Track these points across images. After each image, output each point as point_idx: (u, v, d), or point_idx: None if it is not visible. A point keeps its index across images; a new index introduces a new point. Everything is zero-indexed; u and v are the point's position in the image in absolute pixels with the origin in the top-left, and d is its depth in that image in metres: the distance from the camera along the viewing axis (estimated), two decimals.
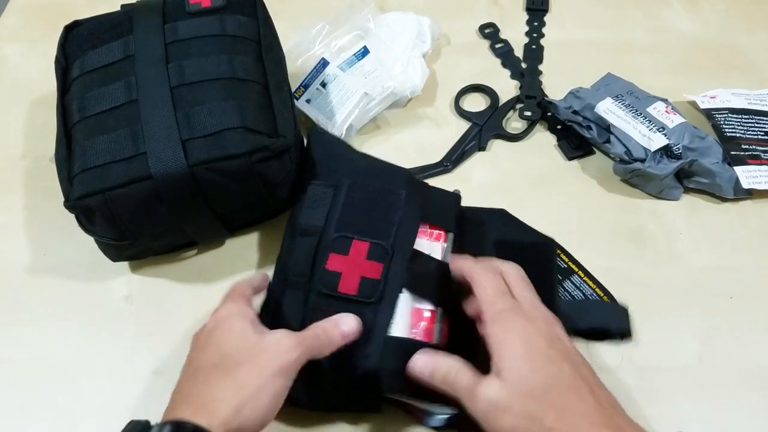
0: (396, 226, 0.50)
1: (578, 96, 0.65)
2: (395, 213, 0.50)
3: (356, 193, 0.51)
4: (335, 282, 0.48)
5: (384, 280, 0.47)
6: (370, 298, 0.47)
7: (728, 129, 0.63)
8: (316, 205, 0.51)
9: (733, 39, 0.74)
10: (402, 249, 0.49)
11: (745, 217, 0.60)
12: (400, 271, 0.48)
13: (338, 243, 0.49)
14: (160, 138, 0.51)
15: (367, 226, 0.50)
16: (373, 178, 0.53)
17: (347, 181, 0.52)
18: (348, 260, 0.48)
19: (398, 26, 0.71)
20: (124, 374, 0.53)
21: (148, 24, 0.58)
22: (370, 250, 0.48)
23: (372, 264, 0.48)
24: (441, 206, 0.54)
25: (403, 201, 0.51)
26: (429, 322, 0.47)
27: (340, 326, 0.45)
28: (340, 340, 0.45)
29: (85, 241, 0.55)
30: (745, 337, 0.53)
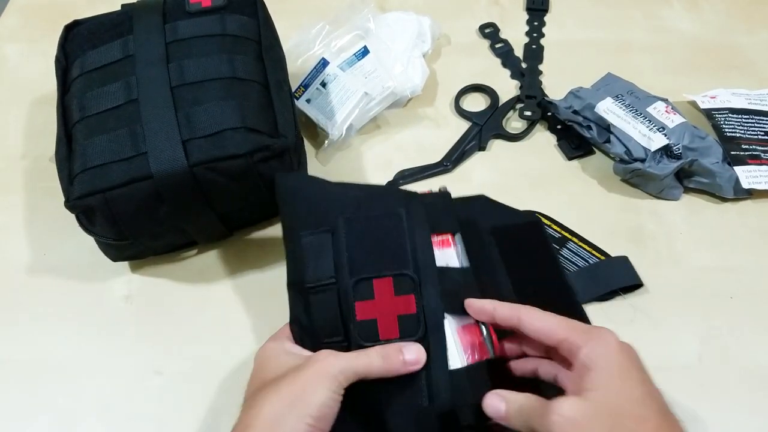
0: (410, 248, 0.46)
1: (578, 96, 0.65)
2: (403, 235, 0.47)
3: (355, 228, 0.47)
4: (374, 331, 0.43)
5: (422, 312, 0.44)
6: (415, 335, 0.43)
7: (728, 129, 0.63)
8: (319, 256, 0.46)
9: (733, 39, 0.74)
10: (426, 271, 0.45)
11: (745, 217, 0.60)
12: (434, 296, 0.44)
13: (360, 289, 0.44)
14: (160, 138, 0.51)
15: (382, 260, 0.46)
16: (364, 208, 0.49)
17: (341, 220, 0.47)
18: (377, 303, 0.44)
19: (398, 26, 0.71)
20: (124, 374, 0.53)
21: (148, 24, 0.58)
22: (396, 284, 0.44)
23: (403, 299, 0.44)
24: (438, 210, 0.50)
25: (404, 219, 0.48)
26: (477, 336, 0.45)
27: (404, 353, 0.42)
28: (401, 366, 0.41)
29: (85, 241, 0.55)
30: (745, 337, 0.53)
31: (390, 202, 0.49)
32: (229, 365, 0.53)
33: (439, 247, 0.48)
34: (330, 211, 0.48)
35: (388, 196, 0.50)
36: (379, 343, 0.43)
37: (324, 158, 0.66)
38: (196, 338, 0.55)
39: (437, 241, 0.48)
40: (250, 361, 0.45)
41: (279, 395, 0.39)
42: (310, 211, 0.48)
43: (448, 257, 0.48)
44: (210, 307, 0.57)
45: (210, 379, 0.52)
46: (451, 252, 0.48)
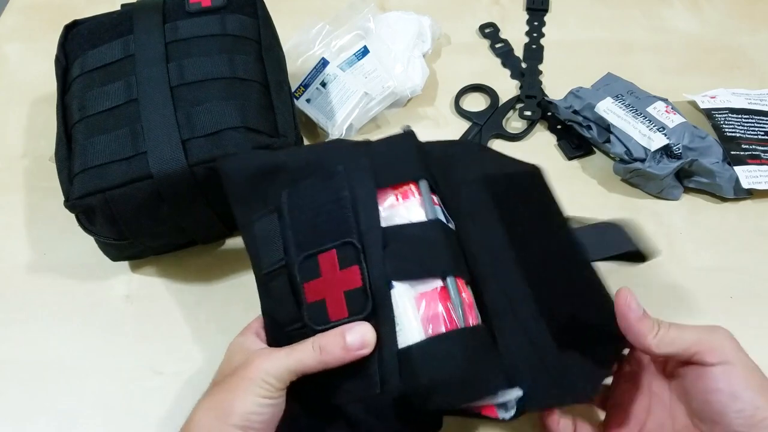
0: (351, 211, 0.40)
1: (578, 96, 0.65)
2: (343, 198, 0.41)
3: (296, 200, 0.42)
4: (324, 312, 0.39)
5: (368, 283, 0.38)
6: (363, 311, 0.38)
7: (728, 129, 0.63)
8: (269, 241, 0.42)
9: (733, 39, 0.74)
10: (369, 235, 0.39)
11: (745, 217, 0.60)
12: (377, 263, 0.39)
13: (305, 268, 0.40)
14: (160, 137, 0.51)
15: (325, 230, 0.40)
16: (307, 174, 0.43)
17: (285, 195, 0.42)
18: (324, 281, 0.39)
19: (398, 26, 0.71)
20: (124, 374, 0.53)
21: (148, 23, 0.58)
22: (339, 256, 0.39)
23: (348, 272, 0.39)
24: (396, 157, 0.43)
25: (344, 176, 0.41)
26: (442, 300, 0.38)
27: (345, 336, 0.38)
28: (342, 352, 0.37)
29: (86, 241, 0.55)
30: (745, 337, 0.53)
31: (329, 158, 0.43)
32: None
33: (397, 200, 0.42)
34: (274, 187, 0.43)
35: (330, 154, 0.44)
36: (330, 325, 0.39)
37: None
38: (196, 338, 0.55)
39: (395, 194, 0.42)
40: None
41: (210, 405, 0.39)
42: (254, 191, 0.44)
43: (410, 211, 0.41)
44: (210, 307, 0.57)
45: (210, 379, 0.52)
46: (414, 203, 0.41)
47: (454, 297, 0.38)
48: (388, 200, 0.42)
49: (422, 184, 0.42)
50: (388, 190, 0.42)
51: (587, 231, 0.46)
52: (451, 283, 0.39)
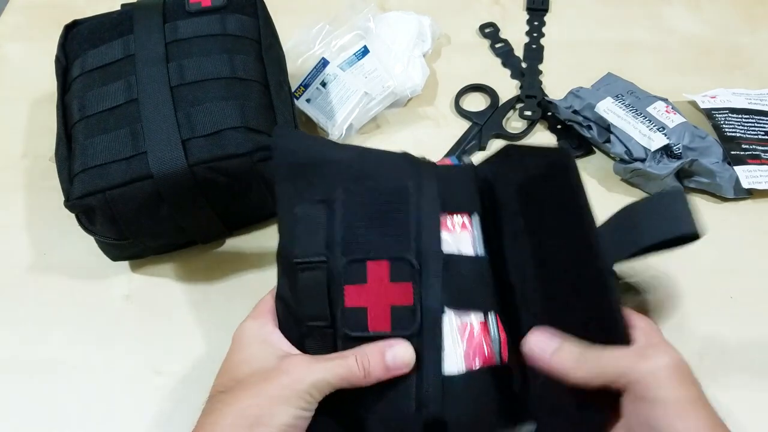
0: (413, 228, 0.40)
1: (578, 95, 0.65)
2: (407, 213, 0.40)
3: (354, 201, 0.41)
4: (363, 320, 0.38)
5: (419, 304, 0.38)
6: (409, 329, 0.38)
7: (728, 129, 0.63)
8: (311, 231, 0.41)
9: (734, 39, 0.74)
10: (430, 258, 0.39)
11: (746, 217, 0.60)
12: (434, 287, 0.39)
13: (351, 271, 0.39)
14: (160, 137, 0.51)
15: (380, 240, 0.40)
16: (368, 176, 0.42)
17: (341, 191, 0.41)
18: (369, 289, 0.39)
19: (398, 26, 0.71)
20: (124, 374, 0.53)
21: (148, 23, 0.58)
22: (392, 269, 0.39)
23: (399, 286, 0.38)
24: (456, 185, 0.43)
25: (412, 194, 0.41)
26: (484, 335, 0.39)
27: (385, 354, 0.37)
28: (383, 372, 0.37)
29: (86, 241, 0.55)
30: (745, 337, 0.53)
31: (399, 172, 0.43)
32: None
33: (452, 230, 0.42)
34: (329, 178, 0.42)
35: (397, 165, 0.44)
36: (367, 335, 0.38)
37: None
38: (196, 338, 0.55)
39: (450, 223, 0.42)
40: None
41: (240, 410, 0.36)
42: (307, 177, 0.43)
43: (460, 242, 0.41)
44: (210, 307, 0.57)
45: (210, 379, 0.52)
46: (466, 236, 0.42)
47: (494, 333, 0.39)
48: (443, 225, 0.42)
49: (474, 219, 0.43)
50: (446, 215, 0.42)
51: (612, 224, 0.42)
52: (492, 320, 0.40)
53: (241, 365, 0.40)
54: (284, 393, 0.36)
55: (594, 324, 0.38)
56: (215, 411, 0.37)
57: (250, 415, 0.36)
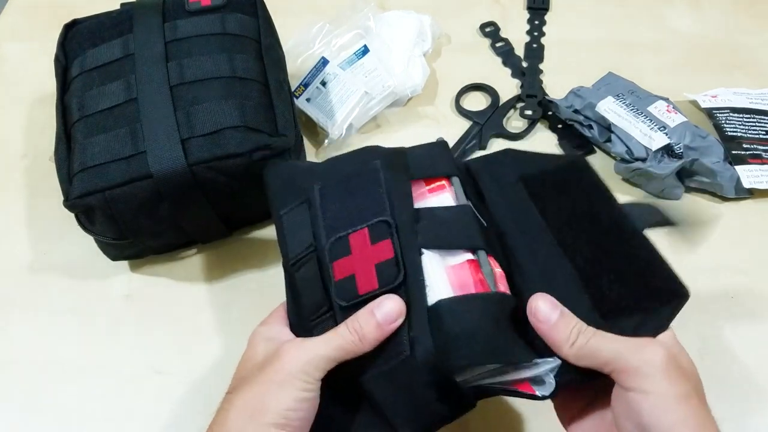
0: (387, 195, 0.41)
1: (579, 95, 0.64)
2: (378, 184, 0.42)
3: (329, 190, 0.43)
4: (353, 287, 0.39)
5: (400, 255, 0.39)
6: (395, 279, 0.38)
7: (729, 128, 0.63)
8: (297, 230, 0.43)
9: (734, 38, 0.74)
10: (404, 212, 0.41)
11: (746, 216, 0.60)
12: (409, 233, 0.40)
13: (336, 248, 0.40)
14: (159, 137, 0.50)
15: (357, 214, 0.41)
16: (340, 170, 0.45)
17: (316, 187, 0.44)
18: (354, 258, 0.40)
19: (399, 25, 0.71)
20: (124, 373, 0.53)
21: (148, 23, 0.58)
22: (371, 233, 0.40)
23: (379, 245, 0.39)
24: (429, 157, 0.45)
25: (380, 168, 0.43)
26: (474, 274, 0.39)
27: (374, 312, 0.36)
28: (376, 329, 0.36)
29: (85, 240, 0.55)
30: (746, 336, 0.53)
31: (367, 156, 0.45)
32: (229, 365, 0.53)
33: (432, 194, 0.43)
34: (306, 184, 0.44)
35: (366, 152, 0.46)
36: (359, 299, 0.38)
37: (324, 157, 0.66)
38: (196, 338, 0.55)
39: (429, 189, 0.43)
40: None
41: (242, 403, 0.36)
42: (288, 189, 0.45)
43: (440, 201, 0.43)
44: (210, 306, 0.57)
45: (210, 379, 0.52)
46: (446, 195, 0.43)
47: (485, 267, 0.39)
48: (420, 190, 0.43)
49: (454, 180, 0.44)
50: (422, 183, 0.43)
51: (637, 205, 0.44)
52: (482, 256, 0.40)
53: (246, 364, 0.40)
54: (278, 377, 0.36)
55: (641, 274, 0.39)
56: (221, 411, 0.37)
57: (249, 406, 0.36)
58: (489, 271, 0.39)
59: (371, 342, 0.36)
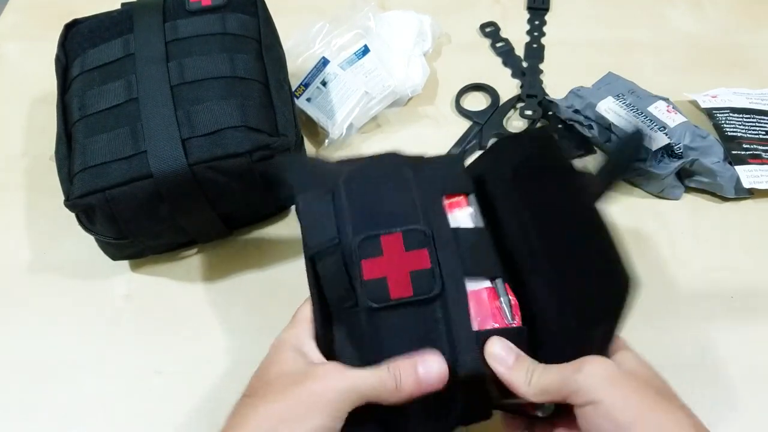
0: (420, 205, 0.42)
1: (579, 95, 0.64)
2: (411, 192, 0.42)
3: (357, 187, 0.43)
4: (384, 290, 0.39)
5: (437, 266, 0.39)
6: (431, 291, 0.39)
7: (729, 128, 0.63)
8: (319, 218, 0.42)
9: (735, 38, 0.74)
10: (439, 226, 0.41)
11: (746, 216, 0.60)
12: (450, 251, 0.40)
13: (366, 247, 0.40)
14: (160, 136, 0.50)
15: (389, 216, 0.41)
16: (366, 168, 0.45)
17: (342, 179, 0.43)
18: (386, 260, 0.40)
19: (399, 25, 0.71)
20: (124, 373, 0.53)
21: (148, 22, 0.58)
22: (405, 239, 0.40)
23: (415, 254, 0.40)
24: (449, 172, 0.46)
25: (413, 177, 0.43)
26: (491, 299, 0.40)
27: (417, 367, 0.36)
28: (414, 384, 0.36)
29: (86, 240, 0.55)
30: (746, 336, 0.53)
31: (393, 161, 0.45)
32: (229, 365, 0.53)
33: (451, 209, 0.44)
34: (329, 176, 0.44)
35: (390, 156, 0.46)
36: (389, 304, 0.38)
37: (324, 157, 0.66)
38: (196, 338, 0.55)
39: (449, 203, 0.44)
40: (249, 361, 0.45)
41: (269, 411, 0.36)
42: (308, 178, 0.45)
43: (460, 220, 0.44)
44: (210, 306, 0.57)
45: (210, 379, 0.52)
46: (464, 213, 0.44)
47: (503, 297, 0.40)
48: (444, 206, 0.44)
49: (471, 198, 0.45)
50: (445, 198, 0.44)
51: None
52: (500, 285, 0.41)
53: (271, 368, 0.39)
54: (314, 399, 0.35)
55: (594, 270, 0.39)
56: (241, 414, 0.36)
57: (276, 417, 0.35)
58: (507, 300, 0.40)
59: (406, 395, 0.36)
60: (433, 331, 0.38)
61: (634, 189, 0.62)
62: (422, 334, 0.39)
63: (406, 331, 0.39)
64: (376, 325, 0.39)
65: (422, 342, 0.38)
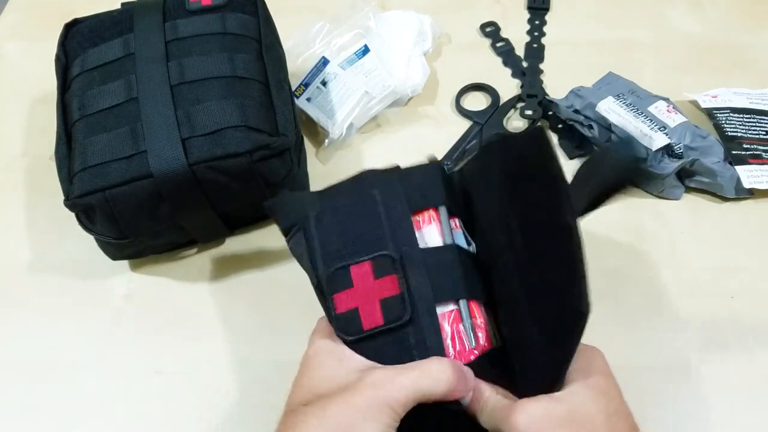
0: (388, 229, 0.42)
1: (579, 95, 0.64)
2: (379, 217, 0.42)
3: (326, 217, 0.43)
4: (357, 322, 0.39)
5: (406, 291, 0.39)
6: (402, 317, 0.38)
7: (730, 128, 0.63)
8: (301, 257, 0.43)
9: (735, 38, 0.74)
10: (408, 249, 0.41)
11: (747, 216, 0.60)
12: (420, 274, 0.40)
13: (336, 280, 0.40)
14: (160, 136, 0.50)
15: (357, 245, 0.41)
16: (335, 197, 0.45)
17: (311, 214, 0.43)
18: (356, 291, 0.40)
19: (399, 25, 0.71)
20: (124, 373, 0.53)
21: (148, 22, 0.58)
22: (375, 267, 0.40)
23: (384, 281, 0.40)
24: (422, 185, 0.45)
25: (380, 200, 0.43)
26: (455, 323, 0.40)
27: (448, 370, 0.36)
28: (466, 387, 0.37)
29: (86, 240, 0.55)
30: (746, 337, 0.53)
31: (362, 184, 0.45)
32: (229, 365, 0.53)
33: (422, 225, 0.43)
34: (303, 211, 0.44)
35: (361, 180, 0.45)
36: (362, 335, 0.39)
37: (324, 157, 0.66)
38: (196, 338, 0.55)
39: (419, 220, 0.44)
40: (250, 361, 0.45)
41: (328, 422, 0.35)
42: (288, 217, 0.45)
43: (428, 238, 0.43)
44: (210, 306, 0.57)
45: (210, 379, 0.52)
46: (433, 229, 0.43)
47: (466, 322, 0.40)
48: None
49: (441, 210, 0.44)
50: (414, 215, 0.43)
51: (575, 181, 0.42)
52: (463, 307, 0.40)
53: (322, 381, 0.38)
54: (372, 405, 0.35)
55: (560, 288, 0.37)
56: (299, 423, 0.36)
57: (339, 427, 0.34)
58: (469, 324, 0.40)
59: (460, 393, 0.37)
60: (407, 357, 0.38)
61: (635, 189, 0.62)
62: (397, 361, 0.38)
63: (382, 359, 0.39)
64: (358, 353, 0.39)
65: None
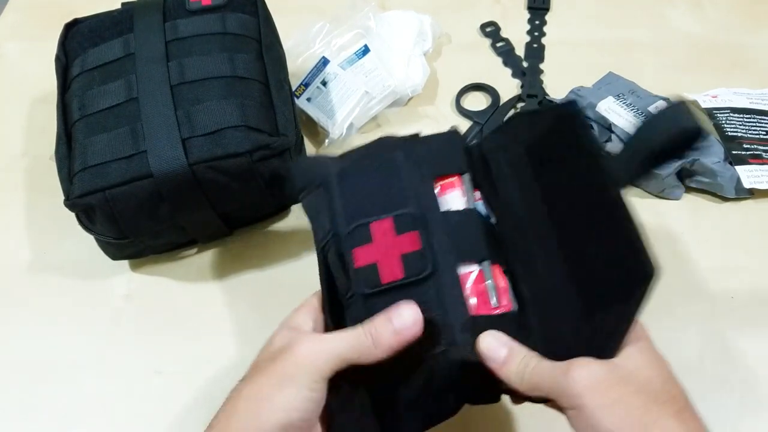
0: (410, 190, 0.42)
1: (579, 95, 0.64)
2: (401, 179, 0.43)
3: (348, 177, 0.43)
4: (374, 275, 0.39)
5: (429, 248, 0.40)
6: (423, 271, 0.39)
7: (730, 128, 0.63)
8: (318, 213, 0.43)
9: (735, 38, 0.74)
10: (429, 209, 0.41)
11: (747, 216, 0.60)
12: (440, 232, 0.40)
13: (356, 235, 0.41)
14: (160, 136, 0.50)
15: (379, 203, 0.42)
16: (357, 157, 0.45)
17: (334, 171, 0.44)
18: (376, 246, 0.40)
19: (399, 25, 0.71)
20: (124, 373, 0.53)
21: (148, 22, 0.58)
22: (396, 223, 0.40)
23: (405, 237, 0.40)
24: (443, 152, 0.45)
25: (403, 162, 0.43)
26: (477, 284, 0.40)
27: (392, 321, 0.36)
28: (391, 336, 0.36)
29: (86, 240, 0.55)
30: (746, 337, 0.53)
31: (384, 147, 0.46)
32: (229, 365, 0.53)
33: (443, 191, 0.44)
34: (324, 170, 0.45)
35: (382, 143, 0.46)
36: (381, 288, 0.39)
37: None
38: (196, 338, 0.55)
39: (441, 185, 0.44)
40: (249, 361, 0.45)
41: (250, 394, 0.36)
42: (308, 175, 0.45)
43: (450, 202, 0.43)
44: (210, 306, 0.57)
45: (210, 379, 0.52)
46: (456, 195, 0.43)
47: (489, 281, 0.40)
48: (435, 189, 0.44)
49: (465, 178, 0.44)
50: (437, 180, 0.44)
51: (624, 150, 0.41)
52: (486, 268, 0.40)
53: (262, 352, 0.39)
54: (290, 371, 0.35)
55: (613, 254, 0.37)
56: (230, 399, 0.37)
57: (257, 397, 0.35)
58: (492, 285, 0.40)
59: (385, 349, 0.36)
60: (427, 311, 0.38)
61: (635, 189, 0.62)
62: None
63: None
64: (370, 310, 0.38)
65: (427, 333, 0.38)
